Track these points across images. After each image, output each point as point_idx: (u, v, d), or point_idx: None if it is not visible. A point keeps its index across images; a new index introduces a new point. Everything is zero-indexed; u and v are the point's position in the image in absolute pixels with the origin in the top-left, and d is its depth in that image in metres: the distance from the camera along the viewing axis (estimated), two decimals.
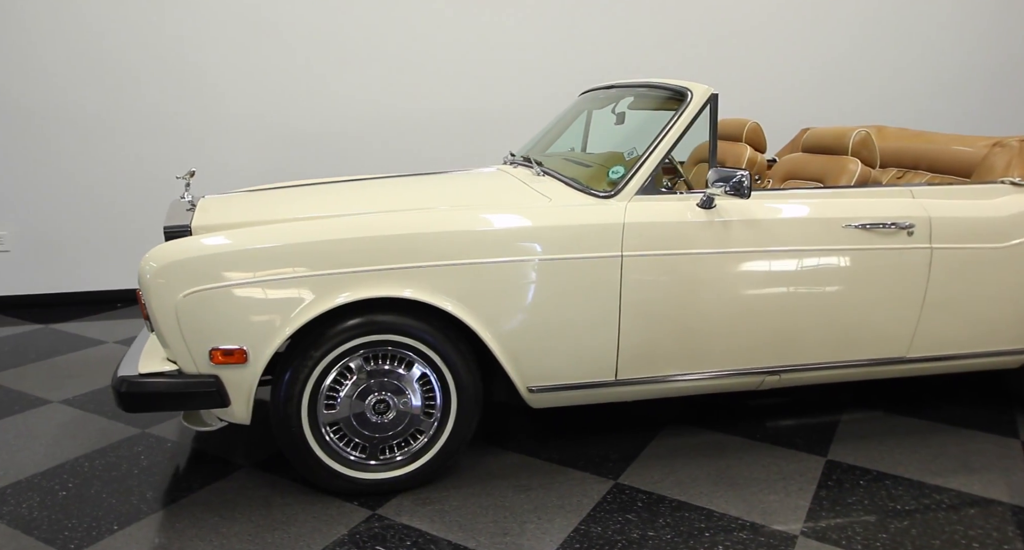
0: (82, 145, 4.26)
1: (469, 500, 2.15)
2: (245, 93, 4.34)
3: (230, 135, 4.39)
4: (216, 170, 4.40)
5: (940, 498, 2.16)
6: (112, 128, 4.26)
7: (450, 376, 2.14)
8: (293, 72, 4.38)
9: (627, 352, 2.27)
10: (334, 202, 2.43)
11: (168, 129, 4.33)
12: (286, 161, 4.48)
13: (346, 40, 4.39)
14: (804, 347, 2.42)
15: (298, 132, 4.45)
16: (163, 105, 4.27)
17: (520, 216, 2.17)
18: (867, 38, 5.01)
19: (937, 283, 2.44)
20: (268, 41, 4.30)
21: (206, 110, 4.33)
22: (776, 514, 2.08)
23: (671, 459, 2.42)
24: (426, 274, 2.06)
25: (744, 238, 2.28)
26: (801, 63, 4.94)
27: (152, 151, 4.34)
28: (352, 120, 4.50)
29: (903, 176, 3.31)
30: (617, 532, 1.98)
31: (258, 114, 4.38)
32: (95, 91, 4.18)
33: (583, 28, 4.63)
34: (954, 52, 5.09)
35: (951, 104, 5.20)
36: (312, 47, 4.36)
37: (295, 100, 4.41)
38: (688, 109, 2.35)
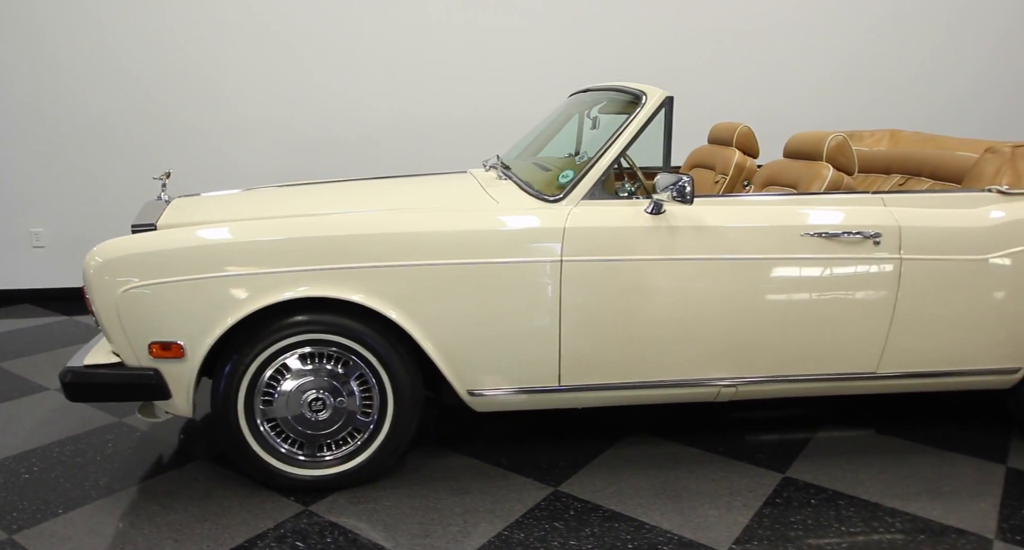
0: (108, 149, 4.48)
1: (403, 501, 2.16)
2: (256, 98, 4.49)
3: (241, 138, 4.54)
4: (227, 172, 4.56)
5: (891, 522, 2.05)
6: (135, 133, 4.47)
7: (387, 377, 2.16)
8: (303, 77, 4.50)
9: (570, 358, 2.24)
10: (294, 203, 2.49)
11: (185, 133, 4.51)
12: (294, 163, 4.60)
13: (352, 45, 4.48)
14: (762, 359, 2.33)
15: (305, 135, 4.57)
16: (181, 111, 4.45)
17: (460, 219, 2.18)
18: (886, 39, 4.80)
19: (908, 296, 2.31)
20: (279, 48, 4.43)
21: (219, 114, 4.50)
22: (709, 529, 2.01)
23: (620, 469, 2.37)
24: (360, 275, 2.08)
25: (693, 245, 2.21)
26: (818, 66, 4.77)
27: (171, 154, 4.52)
28: (358, 123, 4.59)
29: (905, 183, 3.16)
30: (539, 540, 1.96)
31: (268, 118, 4.52)
32: (118, 100, 4.39)
33: (586, 31, 4.59)
34: (985, 52, 4.83)
35: (981, 107, 4.92)
36: (319, 52, 4.47)
37: (304, 104, 4.53)
38: (640, 113, 2.30)
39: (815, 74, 4.78)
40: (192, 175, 4.48)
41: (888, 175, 3.29)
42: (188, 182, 4.43)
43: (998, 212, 2.34)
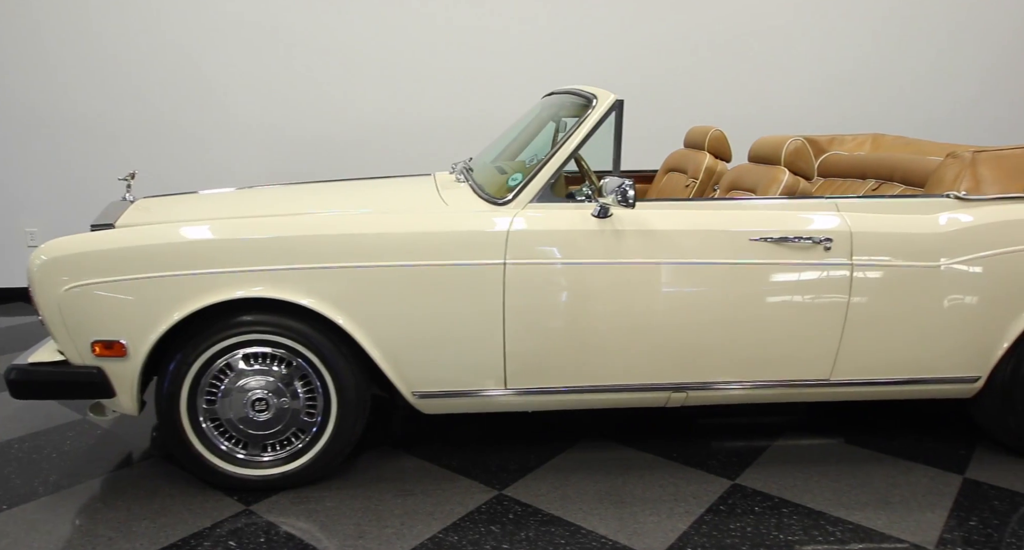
0: (103, 150, 4.55)
1: (345, 501, 2.17)
2: (250, 100, 4.53)
3: (235, 139, 4.59)
4: (220, 173, 4.61)
5: (832, 530, 2.01)
6: (130, 134, 4.53)
7: (330, 378, 2.17)
8: (296, 79, 4.53)
9: (515, 361, 2.23)
10: (250, 204, 2.52)
11: (179, 134, 4.57)
12: (287, 164, 4.63)
13: (347, 47, 4.51)
14: (712, 365, 2.31)
15: (298, 136, 4.60)
16: (176, 112, 4.51)
17: (403, 221, 2.18)
18: (884, 43, 4.75)
19: (860, 302, 2.27)
20: (273, 50, 4.48)
21: (213, 116, 4.55)
22: (645, 535, 1.99)
23: (569, 473, 2.36)
24: (300, 276, 2.09)
25: (639, 249, 2.20)
26: (813, 69, 4.74)
27: (164, 154, 4.59)
28: (352, 125, 4.62)
29: (878, 187, 3.11)
30: (472, 543, 1.95)
31: (263, 119, 4.55)
32: (113, 101, 4.45)
33: (580, 33, 4.59)
34: (986, 56, 4.76)
35: (988, 111, 4.85)
36: (314, 54, 4.51)
37: (297, 106, 4.56)
38: (590, 117, 2.30)
39: (813, 78, 4.74)
40: (186, 176, 4.54)
41: (864, 180, 3.25)
42: (183, 183, 4.49)
43: (955, 218, 2.30)
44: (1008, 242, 2.27)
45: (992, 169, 2.36)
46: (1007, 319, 2.31)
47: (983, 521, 2.06)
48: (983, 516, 2.09)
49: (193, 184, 4.41)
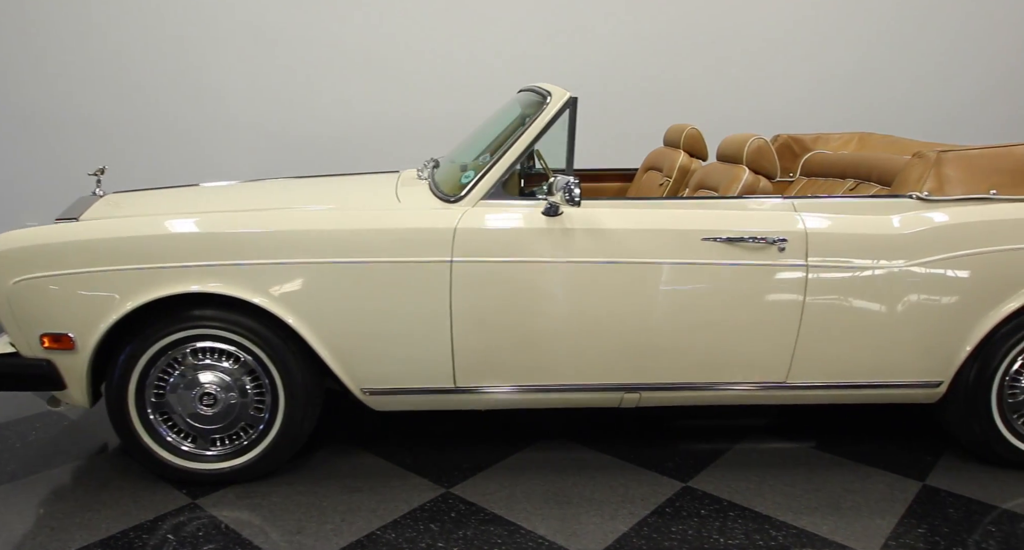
0: (100, 146, 4.63)
1: (292, 497, 2.17)
2: (243, 97, 4.58)
3: (230, 138, 4.64)
4: (214, 170, 4.65)
5: (775, 535, 1.98)
6: (126, 131, 4.60)
7: (277, 374, 2.18)
8: (292, 78, 4.57)
9: (464, 359, 2.23)
10: (212, 200, 2.55)
11: (172, 132, 4.63)
12: (277, 161, 4.67)
13: (340, 44, 4.54)
14: (665, 365, 2.28)
15: (294, 134, 4.64)
16: (168, 110, 4.58)
17: (351, 218, 2.19)
18: (887, 42, 4.68)
19: (815, 304, 2.23)
20: (268, 47, 4.52)
21: (207, 114, 4.60)
22: (584, 536, 1.97)
23: (520, 473, 2.34)
24: (247, 272, 2.10)
25: (588, 248, 2.18)
26: (814, 68, 4.68)
27: (156, 153, 4.66)
28: (346, 124, 4.65)
29: (856, 187, 3.06)
30: (408, 540, 1.95)
31: (255, 117, 4.60)
32: (109, 98, 4.53)
33: (579, 31, 4.57)
34: (990, 56, 4.67)
35: (983, 112, 4.75)
36: (309, 54, 4.54)
37: (292, 104, 4.60)
38: (542, 114, 2.28)
39: (814, 77, 4.69)
40: (181, 172, 4.60)
41: (844, 179, 3.20)
42: (176, 179, 4.55)
43: (915, 219, 2.25)
44: (970, 244, 2.21)
45: (957, 170, 2.30)
46: (969, 323, 2.25)
47: (932, 529, 2.02)
48: (933, 524, 2.04)
49: (186, 180, 4.47)
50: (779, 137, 3.52)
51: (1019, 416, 2.35)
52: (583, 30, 4.56)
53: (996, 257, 2.21)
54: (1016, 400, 2.34)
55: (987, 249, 2.21)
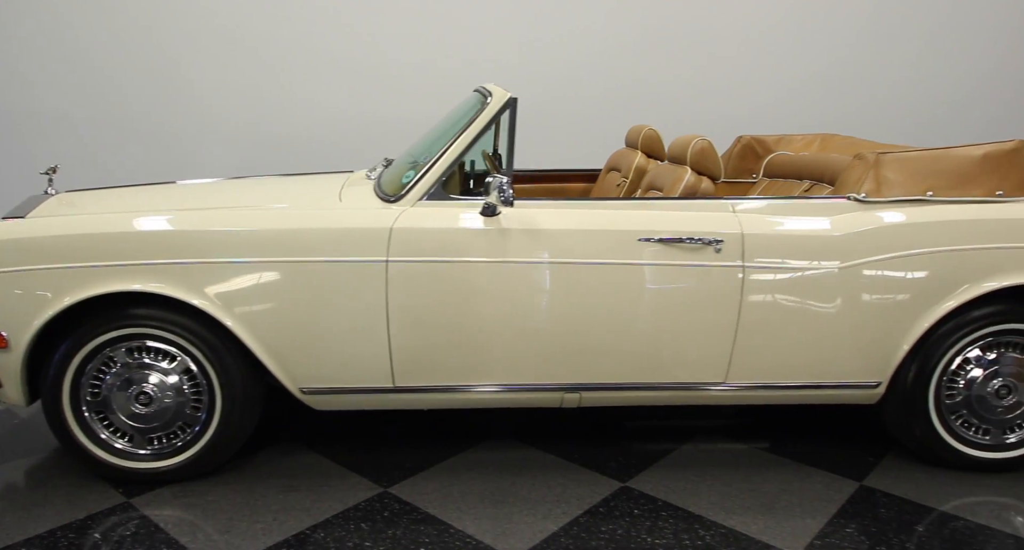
0: (77, 148, 4.64)
1: (228, 496, 2.17)
2: (226, 99, 4.60)
3: (211, 138, 4.66)
4: (196, 170, 4.66)
5: (703, 534, 1.99)
6: (104, 130, 4.60)
7: (213, 373, 2.18)
8: (272, 78, 4.58)
9: (402, 359, 2.23)
10: (158, 199, 2.55)
11: (152, 132, 4.64)
12: (263, 162, 4.69)
13: (325, 48, 4.55)
14: (604, 366, 2.29)
15: (275, 135, 4.65)
16: (149, 111, 4.58)
17: (287, 218, 2.19)
18: (869, 42, 4.70)
19: (752, 305, 2.24)
20: (249, 49, 4.53)
21: (189, 115, 4.61)
22: (512, 536, 1.98)
23: (462, 472, 2.35)
24: (181, 271, 2.11)
25: (524, 248, 2.18)
26: (796, 68, 4.70)
27: (137, 153, 4.65)
28: (328, 124, 4.65)
29: (810, 189, 3.07)
30: (336, 539, 1.95)
31: (237, 117, 4.62)
32: (87, 97, 4.53)
33: (572, 30, 4.59)
34: (979, 57, 4.70)
35: (971, 112, 4.76)
36: (291, 54, 4.55)
37: (273, 105, 4.61)
38: (482, 114, 2.29)
39: (804, 78, 4.71)
40: (161, 170, 4.59)
41: (801, 180, 3.22)
42: (153, 177, 4.57)
43: (852, 220, 2.26)
44: (904, 245, 2.22)
45: (894, 171, 2.31)
46: (905, 324, 2.26)
47: (860, 528, 2.03)
48: (862, 523, 2.05)
49: (165, 178, 4.47)
50: (742, 138, 3.53)
51: (957, 417, 2.37)
52: (565, 30, 4.58)
53: (930, 258, 2.21)
54: (954, 401, 2.35)
55: (922, 250, 2.21)
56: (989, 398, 2.33)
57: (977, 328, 2.29)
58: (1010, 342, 2.33)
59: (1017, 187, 2.29)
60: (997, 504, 2.18)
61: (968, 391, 2.34)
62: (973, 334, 2.29)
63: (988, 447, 2.37)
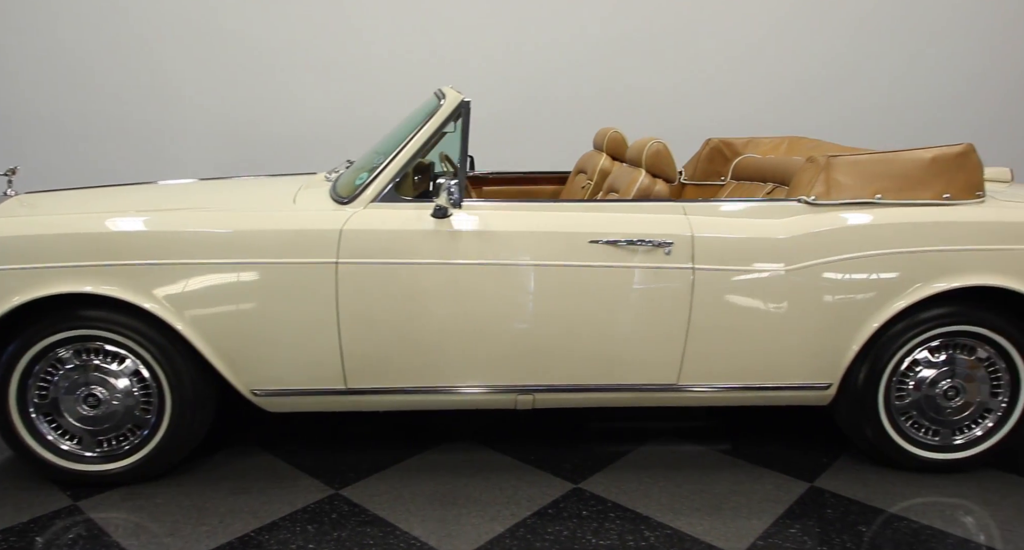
0: (57, 146, 4.64)
1: (176, 499, 2.17)
2: (206, 98, 4.61)
3: (191, 137, 4.66)
4: (177, 170, 4.67)
5: (648, 535, 2.00)
6: (85, 130, 4.61)
7: (162, 374, 2.18)
8: (253, 77, 4.60)
9: (353, 361, 2.23)
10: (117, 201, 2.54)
11: (134, 131, 4.64)
12: (244, 161, 4.70)
13: (312, 47, 4.58)
14: (557, 367, 2.29)
15: (256, 134, 4.66)
16: (130, 110, 4.59)
17: (240, 219, 2.19)
18: (863, 44, 4.75)
19: (703, 307, 2.25)
20: (229, 48, 4.55)
21: (170, 114, 4.63)
22: (457, 538, 1.98)
23: (415, 474, 2.35)
24: (132, 273, 2.10)
25: (475, 250, 2.19)
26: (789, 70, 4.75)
27: (119, 152, 4.65)
28: (311, 123, 4.67)
29: (772, 191, 3.09)
30: (280, 542, 1.95)
31: (218, 117, 4.63)
32: (70, 97, 4.54)
33: (565, 31, 4.63)
34: (971, 57, 4.75)
35: (963, 114, 4.81)
36: (278, 54, 4.58)
37: (254, 103, 4.63)
38: (434, 117, 2.29)
39: (780, 83, 4.76)
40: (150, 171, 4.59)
41: (764, 183, 3.24)
42: (137, 177, 4.57)
43: (801, 223, 2.27)
44: (852, 248, 2.24)
45: (845, 174, 2.33)
46: (853, 325, 2.28)
47: (804, 529, 2.04)
48: (806, 524, 2.06)
49: (143, 179, 4.48)
50: (710, 141, 3.55)
51: (907, 418, 2.39)
52: (550, 32, 4.63)
53: (878, 260, 2.23)
54: (903, 402, 2.37)
55: (869, 253, 2.23)
56: (938, 399, 2.36)
57: (925, 330, 2.31)
58: (959, 344, 2.35)
59: (964, 190, 2.31)
60: (944, 505, 2.20)
61: (918, 392, 2.36)
62: (921, 336, 2.31)
63: (938, 448, 2.39)
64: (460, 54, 4.64)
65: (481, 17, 4.62)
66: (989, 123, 4.83)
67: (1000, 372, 2.34)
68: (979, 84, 4.79)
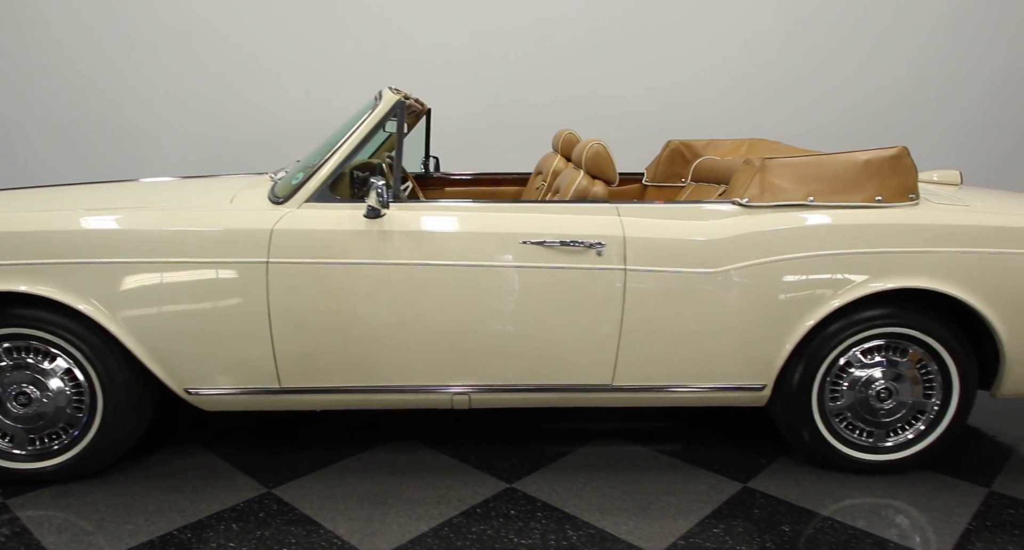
0: (46, 148, 4.68)
1: (107, 497, 2.17)
2: (188, 98, 4.66)
3: (175, 137, 4.71)
4: (167, 170, 4.69)
5: (571, 534, 2.00)
6: (70, 132, 4.66)
7: (94, 373, 2.19)
8: (239, 78, 4.66)
9: (286, 360, 2.24)
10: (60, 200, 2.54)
11: (117, 132, 4.68)
12: (227, 160, 4.73)
13: (288, 49, 4.63)
14: (491, 368, 2.30)
15: (241, 134, 4.70)
16: (113, 112, 4.64)
17: (172, 219, 2.20)
18: (848, 46, 4.79)
19: (635, 308, 2.26)
20: (215, 50, 4.61)
21: (151, 114, 4.68)
22: (381, 536, 1.98)
23: (352, 473, 2.35)
24: (66, 272, 2.12)
25: (406, 250, 2.20)
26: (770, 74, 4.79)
27: (104, 153, 4.70)
28: (296, 123, 4.70)
29: (723, 192, 3.11)
30: (200, 540, 1.95)
31: (205, 117, 4.69)
32: (53, 97, 4.60)
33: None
34: (954, 60, 4.79)
35: (949, 116, 4.85)
36: (256, 55, 4.63)
37: (240, 103, 4.68)
38: (368, 118, 2.31)
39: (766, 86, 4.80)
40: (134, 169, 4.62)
41: (720, 185, 3.25)
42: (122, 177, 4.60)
43: (733, 225, 2.28)
44: (781, 249, 2.25)
45: (779, 177, 2.34)
46: (785, 327, 2.28)
47: (728, 529, 2.05)
48: (731, 524, 2.07)
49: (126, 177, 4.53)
50: (671, 143, 3.58)
51: (842, 419, 2.40)
52: (524, 35, 4.68)
53: (807, 262, 2.24)
54: (837, 403, 2.38)
55: (798, 255, 2.24)
56: (871, 401, 2.37)
57: (859, 331, 2.32)
58: (893, 346, 2.37)
59: (897, 193, 2.33)
60: (872, 506, 2.21)
61: (851, 393, 2.38)
62: (855, 337, 2.32)
63: (872, 450, 2.41)
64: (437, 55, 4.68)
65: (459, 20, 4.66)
66: (974, 127, 4.88)
67: (932, 374, 2.36)
68: (965, 88, 4.84)
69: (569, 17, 4.72)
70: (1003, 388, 2.36)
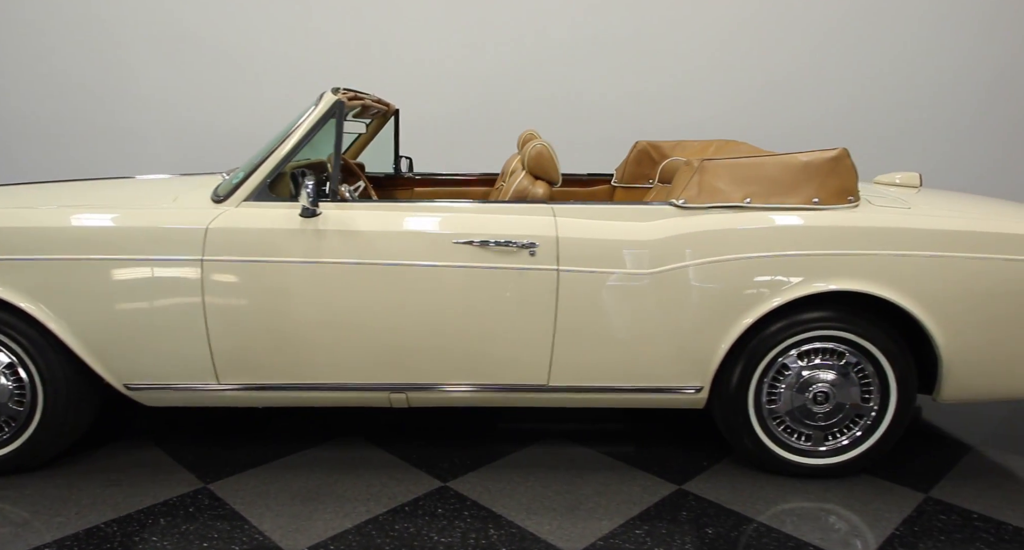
0: (33, 147, 4.78)
1: (45, 490, 2.21)
2: (176, 97, 4.75)
3: (161, 137, 4.79)
4: (148, 169, 4.78)
5: (492, 534, 2.01)
6: (58, 131, 4.75)
7: (33, 367, 2.23)
8: (228, 78, 4.74)
9: (222, 357, 2.27)
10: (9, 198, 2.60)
11: (104, 131, 4.77)
12: (215, 159, 4.79)
13: (274, 50, 4.71)
14: (427, 367, 2.32)
15: (228, 132, 4.76)
16: (101, 111, 4.74)
17: (114, 217, 2.24)
18: (829, 47, 4.77)
19: (569, 308, 2.26)
20: (205, 50, 4.69)
21: (139, 113, 4.77)
22: (304, 533, 2.01)
23: (290, 470, 2.38)
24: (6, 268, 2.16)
25: (339, 250, 2.22)
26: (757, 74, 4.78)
27: (95, 153, 4.79)
28: (280, 122, 4.76)
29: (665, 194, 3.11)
30: (125, 535, 1.99)
31: (188, 115, 4.78)
32: (43, 96, 4.70)
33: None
34: (944, 60, 4.75)
35: (939, 115, 4.81)
36: (244, 55, 4.71)
37: (228, 103, 4.76)
38: (307, 118, 2.33)
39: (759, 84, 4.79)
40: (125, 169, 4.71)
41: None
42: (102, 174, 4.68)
43: (668, 226, 2.28)
44: (715, 251, 2.24)
45: (716, 178, 2.33)
46: (720, 329, 2.27)
47: (650, 531, 2.04)
48: (655, 526, 2.07)
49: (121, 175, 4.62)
50: (638, 144, 3.57)
51: (780, 423, 2.39)
52: (505, 35, 4.71)
53: (740, 264, 2.23)
54: (775, 406, 2.37)
55: (732, 256, 2.23)
56: (808, 404, 2.35)
57: (796, 333, 2.30)
58: (830, 349, 2.35)
59: (835, 195, 2.31)
60: (803, 510, 2.19)
61: (789, 396, 2.36)
62: (791, 339, 2.30)
63: (809, 453, 2.39)
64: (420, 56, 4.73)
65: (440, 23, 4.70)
66: (958, 128, 4.83)
67: (870, 377, 2.34)
68: (949, 88, 4.79)
69: (548, 18, 4.74)
70: (944, 393, 2.33)
